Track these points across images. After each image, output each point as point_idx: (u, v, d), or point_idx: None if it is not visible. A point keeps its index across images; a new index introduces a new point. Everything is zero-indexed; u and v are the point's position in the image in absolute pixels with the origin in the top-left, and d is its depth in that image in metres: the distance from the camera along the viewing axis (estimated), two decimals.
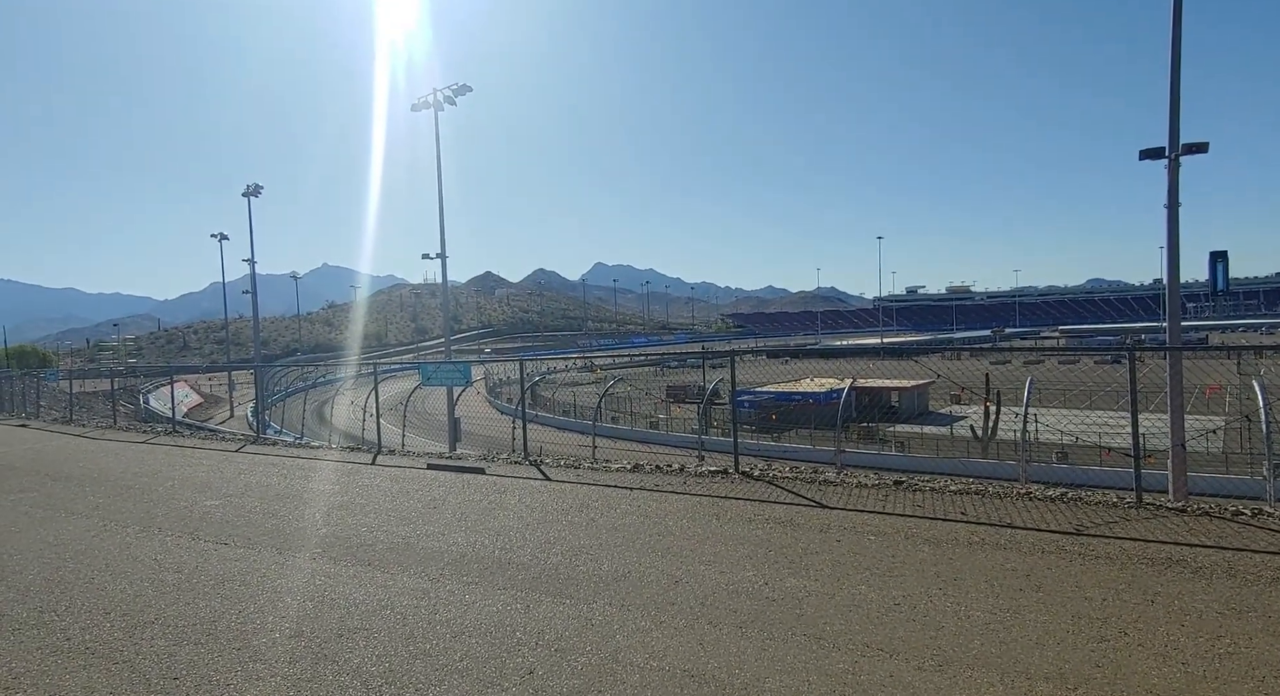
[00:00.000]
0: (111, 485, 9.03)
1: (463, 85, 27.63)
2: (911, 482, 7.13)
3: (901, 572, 4.65)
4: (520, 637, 3.86)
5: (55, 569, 5.42)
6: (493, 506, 7.05)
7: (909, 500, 6.53)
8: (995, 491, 6.60)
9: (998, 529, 5.52)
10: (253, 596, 4.66)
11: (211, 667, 3.62)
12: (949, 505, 6.28)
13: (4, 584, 5.10)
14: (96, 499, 8.15)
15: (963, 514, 5.97)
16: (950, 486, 6.89)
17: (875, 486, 7.13)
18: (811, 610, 4.09)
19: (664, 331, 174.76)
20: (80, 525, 6.85)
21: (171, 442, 13.41)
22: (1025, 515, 5.87)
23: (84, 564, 5.53)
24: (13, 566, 5.53)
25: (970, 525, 5.64)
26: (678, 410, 38.49)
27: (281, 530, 6.41)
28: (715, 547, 5.37)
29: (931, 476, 7.50)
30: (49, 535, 6.49)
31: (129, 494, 8.39)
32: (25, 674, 3.63)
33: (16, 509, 7.72)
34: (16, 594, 4.87)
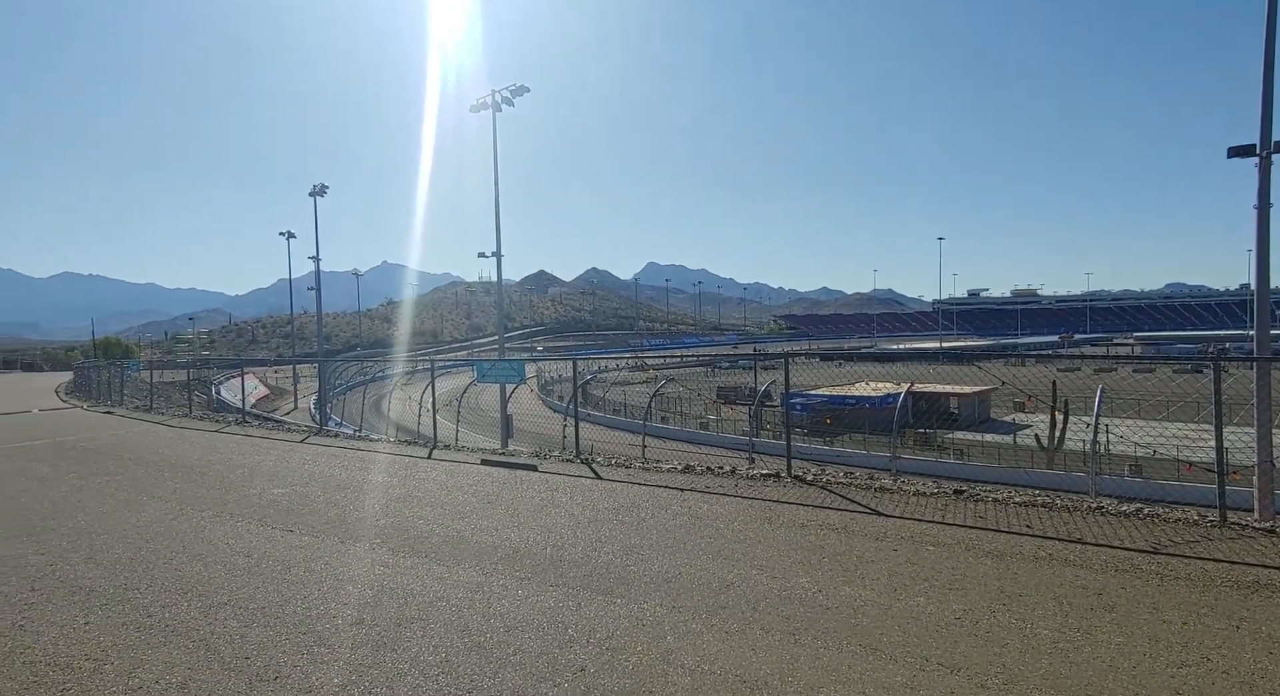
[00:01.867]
0: (188, 471, 9.53)
1: (520, 86, 28.08)
2: (972, 492, 6.91)
3: (962, 585, 4.52)
4: (572, 634, 3.91)
5: (138, 549, 5.76)
6: (545, 503, 7.15)
7: (970, 510, 6.34)
8: (1064, 504, 6.34)
9: (1066, 544, 5.30)
10: (317, 583, 4.85)
11: (280, 649, 3.79)
12: (1013, 517, 6.06)
13: (94, 561, 5.44)
14: (174, 484, 8.62)
15: (1028, 527, 5.75)
16: (1014, 497, 6.65)
17: (934, 495, 6.93)
18: (867, 620, 4.01)
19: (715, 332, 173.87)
20: (160, 508, 7.25)
21: (241, 432, 14.06)
22: (1096, 530, 5.61)
23: (163, 545, 5.85)
24: (101, 545, 5.90)
25: (1036, 539, 5.44)
26: (728, 411, 38.23)
27: (343, 519, 6.65)
28: (767, 552, 5.32)
29: (993, 486, 7.26)
30: (132, 517, 6.89)
31: (203, 480, 8.84)
32: (113, 647, 3.87)
33: (104, 491, 8.23)
34: (104, 571, 5.20)
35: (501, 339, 34.10)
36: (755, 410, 18.80)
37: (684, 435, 32.57)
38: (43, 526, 6.59)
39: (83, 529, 6.45)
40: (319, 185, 44.53)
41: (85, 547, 5.83)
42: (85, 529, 6.45)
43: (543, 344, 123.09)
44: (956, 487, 7.12)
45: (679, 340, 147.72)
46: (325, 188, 44.68)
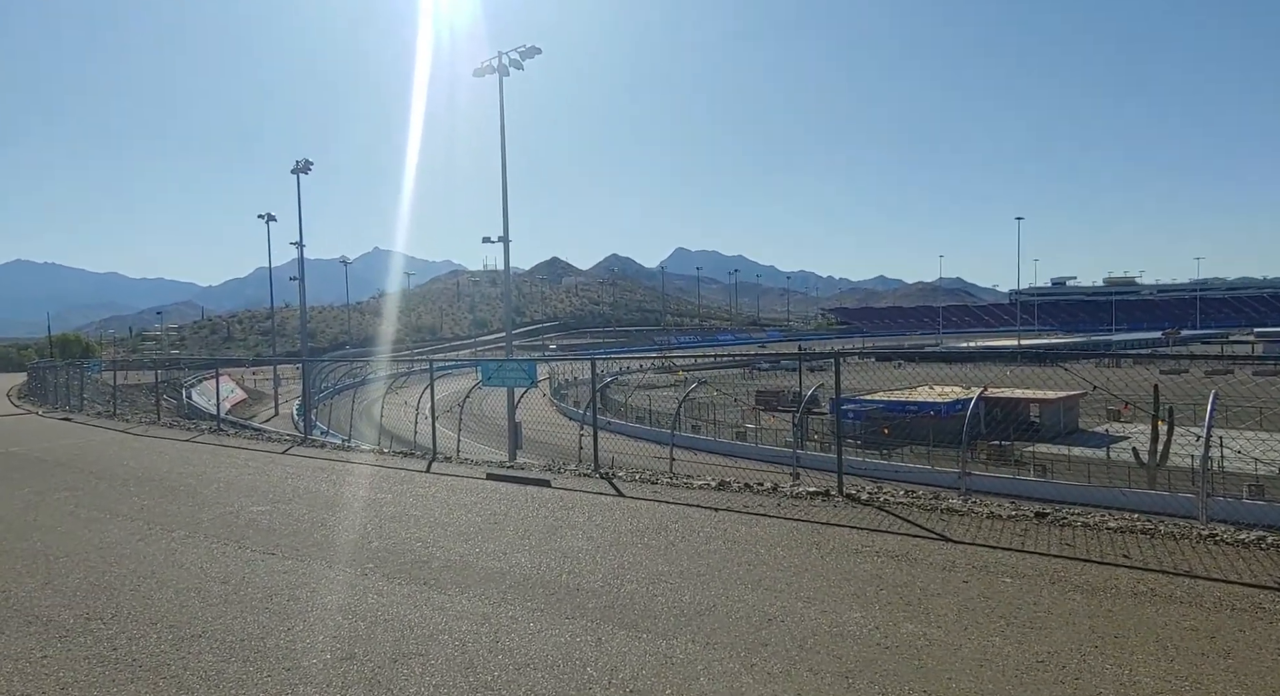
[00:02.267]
0: (156, 485, 9.75)
1: (531, 47, 28.26)
2: (1058, 515, 6.81)
3: (1046, 624, 4.45)
4: (591, 674, 3.93)
5: (101, 573, 5.91)
6: (559, 524, 7.19)
7: (1055, 536, 6.24)
8: (1168, 531, 6.22)
9: (1171, 577, 5.19)
10: (302, 612, 4.93)
11: (259, 688, 3.86)
12: (1107, 545, 5.96)
13: (52, 587, 5.60)
14: (142, 500, 8.82)
15: (1125, 557, 5.65)
16: (1108, 522, 6.54)
17: (1011, 518, 6.84)
18: (933, 662, 3.98)
19: (754, 328, 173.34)
20: (126, 527, 7.43)
21: (215, 442, 14.35)
22: (1208, 562, 5.49)
23: (130, 569, 6.00)
24: (59, 569, 6.06)
25: (1135, 571, 5.34)
26: (769, 420, 38.10)
27: (331, 541, 6.76)
28: (815, 582, 5.29)
29: (1083, 508, 7.14)
30: (94, 537, 7.07)
31: (174, 496, 9.04)
32: (73, 684, 3.98)
33: (62, 508, 8.46)
34: (64, 598, 5.34)
35: (509, 336, 34.37)
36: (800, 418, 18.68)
37: (718, 446, 32.52)
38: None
39: (39, 551, 6.63)
40: (302, 161, 45.21)
41: (42, 572, 5.99)
42: (42, 551, 6.62)
43: (556, 342, 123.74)
44: (1038, 510, 7.02)
45: (712, 337, 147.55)
46: (310, 164, 45.37)
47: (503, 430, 25.92)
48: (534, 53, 28.44)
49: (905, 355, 57.16)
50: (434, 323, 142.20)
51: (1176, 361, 43.27)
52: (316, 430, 22.96)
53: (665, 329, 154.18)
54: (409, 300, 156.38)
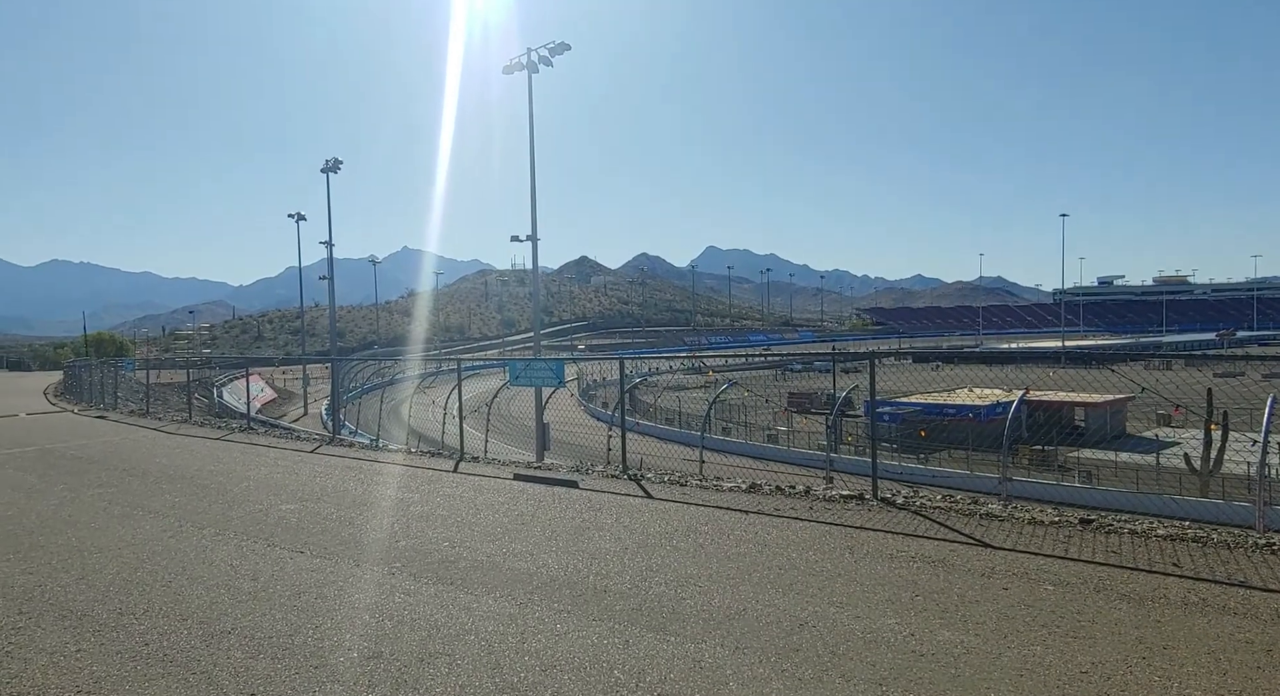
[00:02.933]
0: (188, 483, 9.97)
1: (560, 43, 28.40)
2: (1103, 522, 6.67)
3: (1091, 633, 4.36)
4: (619, 677, 3.93)
5: (134, 569, 6.05)
6: (587, 525, 7.22)
7: (1100, 544, 6.12)
8: (1221, 540, 6.06)
9: (1225, 588, 5.06)
10: (330, 610, 5.01)
11: (288, 685, 3.93)
12: (1156, 553, 5.83)
13: (86, 582, 5.75)
14: (173, 497, 9.03)
15: (1175, 566, 5.52)
16: (1157, 529, 6.39)
17: (1054, 524, 6.72)
18: (970, 671, 3.92)
19: (786, 328, 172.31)
20: (157, 524, 7.61)
21: (246, 440, 14.63)
22: (1265, 572, 5.34)
23: (161, 565, 6.14)
24: (94, 564, 6.22)
25: (1186, 580, 5.21)
26: (801, 422, 37.85)
27: (359, 540, 6.85)
28: (848, 587, 5.25)
29: (1130, 516, 6.99)
30: (127, 533, 7.25)
31: (205, 493, 9.24)
32: (106, 678, 4.08)
33: (96, 505, 8.68)
34: (98, 593, 5.48)
35: (537, 336, 34.56)
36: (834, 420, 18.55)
37: (748, 449, 32.39)
38: (30, 543, 6.99)
39: (74, 546, 6.81)
40: (332, 160, 45.88)
41: (77, 567, 6.16)
42: (77, 546, 6.81)
43: (585, 341, 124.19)
44: (1083, 516, 6.89)
45: (743, 337, 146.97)
46: (339, 163, 46.03)
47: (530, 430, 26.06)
48: (563, 49, 28.57)
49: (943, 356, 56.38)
50: (462, 322, 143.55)
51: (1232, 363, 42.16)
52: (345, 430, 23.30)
53: (695, 329, 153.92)
54: (437, 300, 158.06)
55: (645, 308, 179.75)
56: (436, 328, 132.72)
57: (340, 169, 46.25)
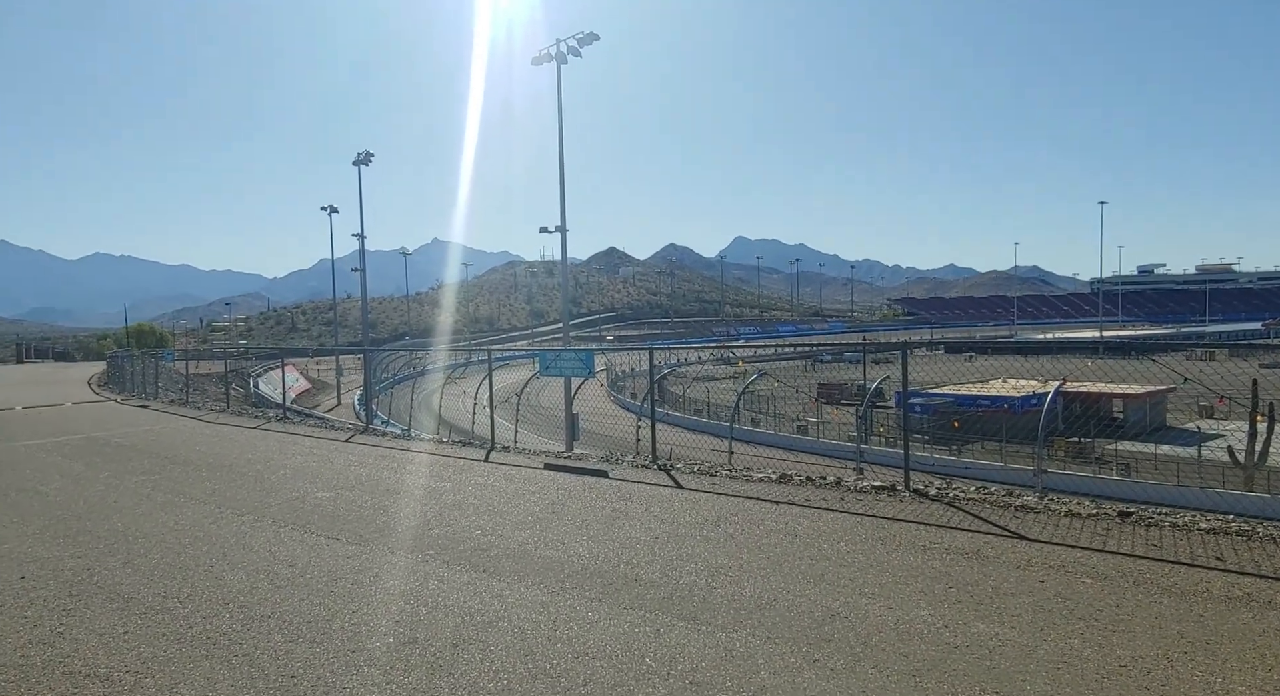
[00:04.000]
0: (226, 471, 10.19)
1: (589, 33, 28.33)
2: (1143, 515, 6.56)
3: (1130, 627, 4.30)
4: (650, 665, 3.96)
5: (177, 554, 6.21)
6: (617, 514, 7.25)
7: (1140, 537, 6.01)
8: (1267, 533, 5.92)
9: (1271, 582, 4.95)
10: (365, 596, 5.10)
11: (326, 668, 4.01)
12: (1198, 547, 5.71)
13: (132, 566, 5.92)
14: (213, 484, 9.24)
15: (1218, 560, 5.41)
16: (1199, 523, 6.27)
17: (1092, 517, 6.62)
18: (1006, 663, 3.88)
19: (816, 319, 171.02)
20: (198, 511, 7.79)
21: (282, 430, 14.90)
22: None
23: (203, 551, 6.29)
24: (139, 549, 6.40)
25: (1229, 575, 5.10)
26: (832, 413, 37.58)
27: (393, 528, 6.96)
28: (880, 578, 5.22)
29: (1171, 509, 6.86)
30: (170, 519, 7.44)
31: (243, 481, 9.44)
32: (153, 659, 4.20)
33: (140, 491, 8.92)
34: (143, 577, 5.64)
35: (566, 326, 34.69)
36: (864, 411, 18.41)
37: (778, 440, 32.26)
38: (79, 527, 7.20)
39: (119, 531, 7.01)
40: (363, 153, 46.35)
41: (123, 551, 6.34)
42: (122, 531, 7.00)
43: (613, 332, 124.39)
44: (1121, 509, 6.77)
45: (772, 328, 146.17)
46: (370, 155, 46.48)
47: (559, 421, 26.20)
48: (592, 39, 28.51)
49: (977, 346, 55.57)
50: (491, 313, 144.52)
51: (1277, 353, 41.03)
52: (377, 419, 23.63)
53: (724, 320, 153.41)
54: (467, 291, 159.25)
55: (674, 298, 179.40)
56: (466, 319, 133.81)
57: (371, 162, 46.71)
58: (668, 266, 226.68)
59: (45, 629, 4.68)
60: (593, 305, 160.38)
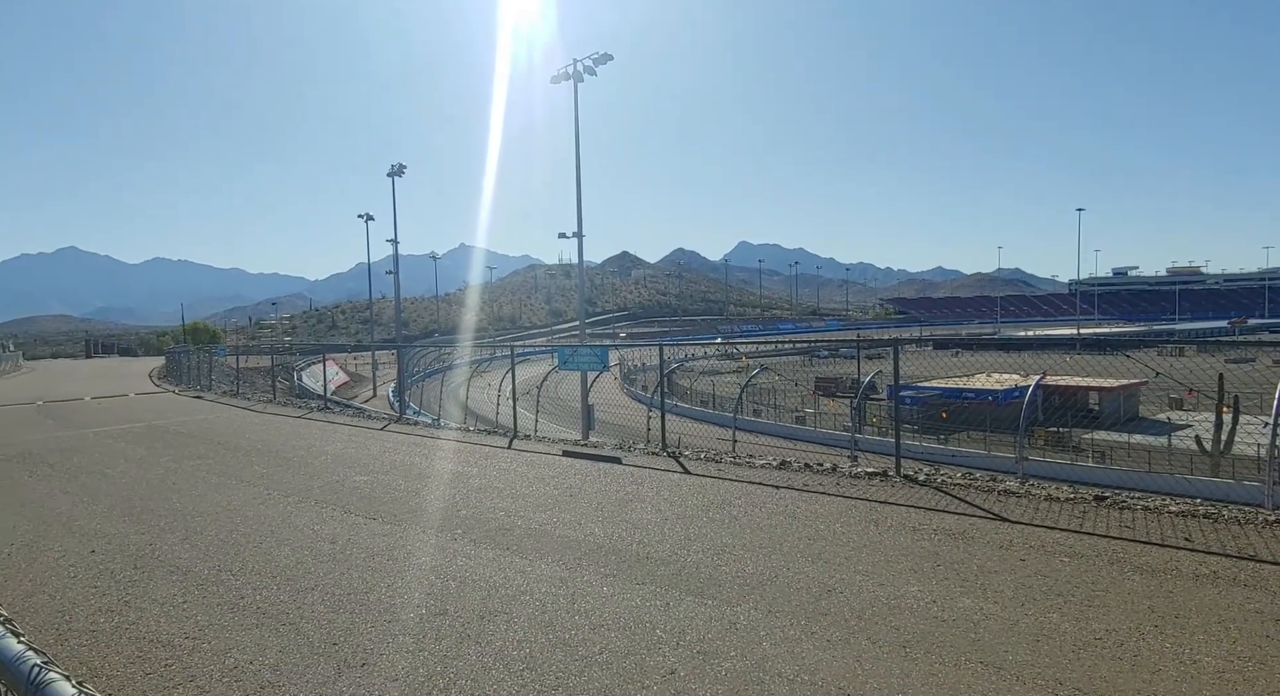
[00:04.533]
0: (274, 456, 10.27)
1: (603, 54, 28.27)
2: (1117, 498, 6.51)
3: (1104, 602, 4.27)
4: (660, 635, 3.97)
5: (229, 531, 6.28)
6: (629, 497, 7.26)
7: (1114, 519, 5.97)
8: (1232, 516, 5.87)
9: (1235, 561, 4.90)
10: (400, 571, 5.14)
11: (365, 636, 4.05)
12: (1168, 528, 5.67)
13: (189, 543, 5.98)
14: (261, 468, 9.31)
15: (1187, 540, 5.36)
16: (1169, 506, 6.22)
17: (1069, 500, 6.58)
18: (989, 636, 3.87)
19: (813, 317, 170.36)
20: (249, 492, 7.86)
21: (323, 419, 15.00)
22: (1274, 547, 5.17)
23: (253, 529, 6.35)
24: (195, 527, 6.47)
25: (1197, 554, 5.06)
26: (828, 405, 37.42)
27: (425, 509, 7.00)
28: (873, 556, 5.21)
29: (1143, 494, 6.81)
30: (223, 500, 7.51)
31: (288, 465, 9.51)
32: (209, 627, 4.25)
33: (196, 474, 9.00)
34: (200, 552, 5.70)
35: (583, 324, 34.68)
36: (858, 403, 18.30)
37: (778, 429, 32.16)
38: (142, 507, 7.28)
39: (178, 510, 7.09)
40: (397, 165, 46.45)
41: (181, 529, 6.41)
42: (180, 510, 7.08)
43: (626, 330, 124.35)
44: (1097, 493, 6.72)
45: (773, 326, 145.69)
46: (403, 167, 46.58)
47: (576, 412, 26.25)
48: (606, 59, 28.44)
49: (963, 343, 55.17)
50: (513, 313, 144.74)
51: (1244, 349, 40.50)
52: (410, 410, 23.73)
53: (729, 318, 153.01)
54: (491, 292, 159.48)
55: (682, 298, 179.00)
56: (490, 317, 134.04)
57: (404, 173, 46.82)
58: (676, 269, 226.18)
59: (113, 598, 4.74)
60: (607, 305, 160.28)
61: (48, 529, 6.52)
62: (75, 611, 4.54)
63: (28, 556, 5.72)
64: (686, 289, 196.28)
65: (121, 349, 79.11)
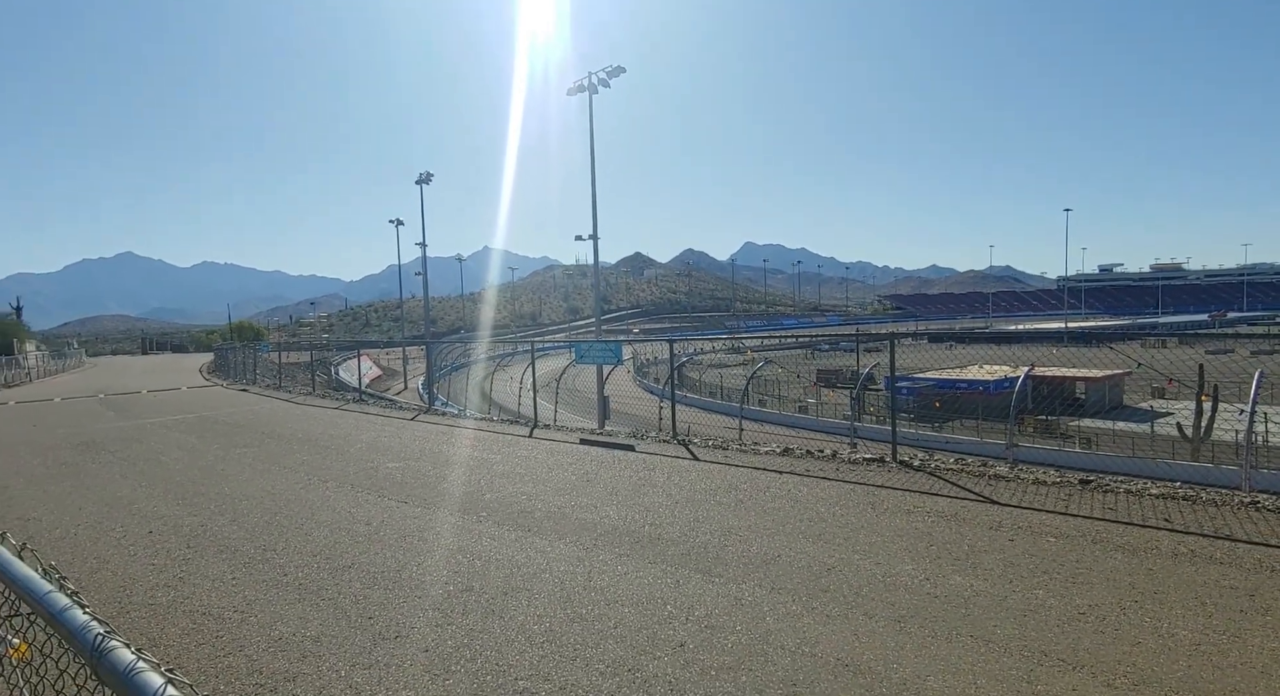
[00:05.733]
0: (313, 445, 10.38)
1: (616, 67, 28.20)
2: (1101, 482, 6.45)
3: (1088, 580, 4.25)
4: (671, 611, 3.99)
5: (273, 514, 6.36)
6: (642, 483, 7.28)
7: (1098, 501, 5.92)
8: (1210, 498, 5.80)
9: (1212, 540, 4.86)
10: (429, 551, 5.19)
11: (398, 611, 4.10)
12: (1149, 510, 5.61)
13: (237, 524, 6.07)
14: (302, 456, 9.42)
15: (1166, 521, 5.31)
16: (1150, 489, 6.15)
17: (1056, 484, 6.53)
18: (979, 611, 3.86)
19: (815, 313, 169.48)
20: (290, 478, 7.95)
21: (358, 410, 15.13)
22: (1249, 527, 5.11)
23: (294, 511, 6.43)
24: (243, 509, 6.56)
25: (1176, 534, 5.02)
26: (829, 395, 37.25)
27: (452, 493, 7.05)
28: (870, 537, 5.20)
29: (1126, 477, 6.74)
30: (268, 485, 7.61)
31: (327, 453, 9.60)
32: (256, 601, 4.32)
33: (243, 461, 9.12)
34: (247, 533, 5.79)
35: (598, 321, 34.72)
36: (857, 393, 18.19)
37: (782, 419, 32.05)
38: (194, 492, 7.39)
39: (227, 494, 7.18)
40: (424, 173, 46.62)
41: (230, 512, 6.50)
42: (229, 494, 7.18)
43: (639, 326, 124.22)
44: (1082, 477, 6.67)
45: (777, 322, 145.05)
46: (431, 175, 46.74)
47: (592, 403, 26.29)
48: (619, 72, 28.37)
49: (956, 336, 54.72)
50: (533, 310, 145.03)
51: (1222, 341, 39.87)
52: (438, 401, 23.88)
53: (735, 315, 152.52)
54: (512, 291, 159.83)
55: (691, 296, 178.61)
56: (512, 315, 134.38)
57: (431, 180, 46.98)
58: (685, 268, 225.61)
59: (169, 574, 4.83)
60: (620, 303, 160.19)
61: (110, 511, 6.64)
62: (135, 586, 4.63)
63: (93, 535, 5.83)
64: (695, 287, 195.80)
65: (174, 346, 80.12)
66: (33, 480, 8.26)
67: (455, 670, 3.38)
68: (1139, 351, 36.71)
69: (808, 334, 61.08)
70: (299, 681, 3.32)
